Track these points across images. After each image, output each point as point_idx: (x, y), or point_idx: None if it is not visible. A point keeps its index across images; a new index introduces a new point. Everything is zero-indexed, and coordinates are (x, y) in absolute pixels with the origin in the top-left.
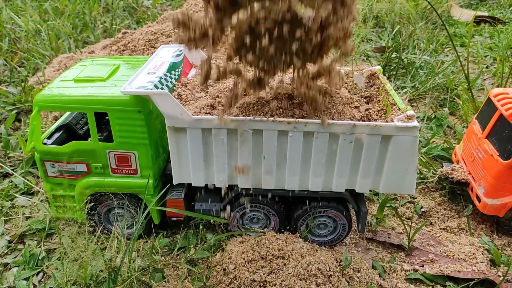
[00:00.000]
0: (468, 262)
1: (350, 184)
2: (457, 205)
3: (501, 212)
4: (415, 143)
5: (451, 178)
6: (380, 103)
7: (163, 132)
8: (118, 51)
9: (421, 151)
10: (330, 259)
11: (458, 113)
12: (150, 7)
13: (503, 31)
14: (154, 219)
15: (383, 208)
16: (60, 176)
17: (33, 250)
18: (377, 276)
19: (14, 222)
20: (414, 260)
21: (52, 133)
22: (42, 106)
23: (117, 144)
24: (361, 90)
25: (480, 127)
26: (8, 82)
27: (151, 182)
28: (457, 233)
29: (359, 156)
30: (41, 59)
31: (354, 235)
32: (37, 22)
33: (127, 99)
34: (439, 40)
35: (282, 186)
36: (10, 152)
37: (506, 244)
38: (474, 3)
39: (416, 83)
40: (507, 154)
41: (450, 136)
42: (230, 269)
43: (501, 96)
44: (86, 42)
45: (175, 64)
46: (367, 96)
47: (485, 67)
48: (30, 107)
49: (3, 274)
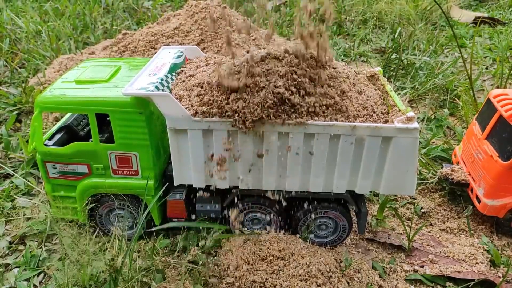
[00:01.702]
0: (468, 263)
1: (350, 185)
2: (457, 205)
3: (500, 212)
4: (415, 145)
5: (451, 179)
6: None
7: (164, 133)
8: (119, 52)
9: (421, 152)
10: (330, 260)
11: (458, 114)
12: (150, 8)
13: (502, 32)
14: (154, 220)
15: (383, 209)
16: (61, 177)
17: (34, 251)
18: (377, 277)
19: (15, 223)
20: (414, 260)
21: (53, 134)
22: (44, 107)
23: (118, 145)
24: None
25: (480, 128)
26: (9, 83)
27: (152, 183)
28: (457, 234)
29: (359, 157)
30: (42, 60)
31: (355, 236)
32: (37, 23)
33: (128, 101)
34: (439, 41)
35: (283, 187)
36: (10, 153)
37: (506, 245)
38: (474, 4)
39: (416, 84)
40: (506, 155)
41: (450, 137)
42: (230, 270)
43: (501, 97)
44: (87, 43)
45: (176, 66)
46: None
47: (485, 68)
48: (31, 108)
49: (4, 275)
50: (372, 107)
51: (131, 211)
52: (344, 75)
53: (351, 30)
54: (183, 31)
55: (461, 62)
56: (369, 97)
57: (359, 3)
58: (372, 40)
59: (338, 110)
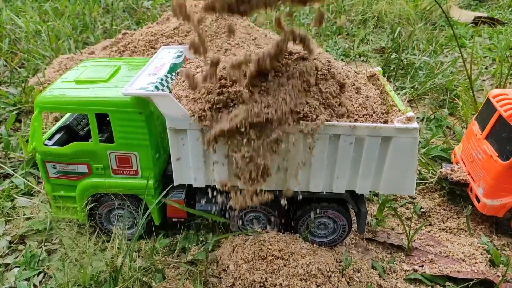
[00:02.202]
0: (467, 262)
1: (350, 185)
2: (457, 205)
3: (500, 212)
4: (415, 145)
5: (451, 178)
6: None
7: (164, 133)
8: (118, 52)
9: (421, 152)
10: (330, 259)
11: (457, 114)
12: (150, 8)
13: (502, 32)
14: (154, 219)
15: (383, 208)
16: (61, 177)
17: (34, 251)
18: (377, 277)
19: (14, 222)
20: (414, 260)
21: (53, 134)
22: (44, 107)
23: (118, 145)
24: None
25: (480, 128)
26: (8, 82)
27: (152, 183)
28: (457, 234)
29: (359, 157)
30: (41, 59)
31: (354, 236)
32: (37, 23)
33: (128, 100)
34: (439, 41)
35: (283, 187)
36: (10, 152)
37: (505, 244)
38: (473, 4)
39: (416, 84)
40: (506, 155)
41: (449, 137)
42: (230, 269)
43: (500, 97)
44: (86, 43)
45: (176, 66)
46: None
47: (484, 68)
48: (31, 108)
49: (4, 274)
50: (371, 107)
51: (131, 211)
52: (344, 75)
53: (350, 30)
54: (182, 31)
55: (460, 62)
56: (369, 97)
57: (358, 3)
58: (372, 40)
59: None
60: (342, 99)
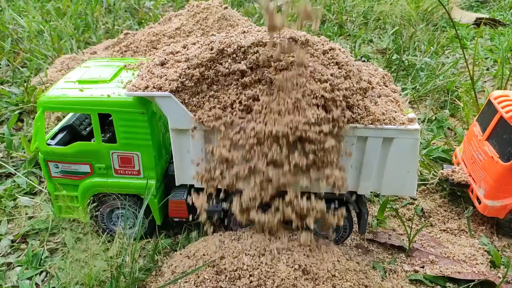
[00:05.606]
0: (468, 264)
1: (352, 186)
2: (458, 206)
3: (501, 213)
4: (416, 146)
5: (452, 179)
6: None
7: (166, 133)
8: (120, 52)
9: (422, 153)
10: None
11: (458, 115)
12: (152, 8)
13: (503, 33)
14: (156, 219)
15: (384, 209)
16: (63, 176)
17: (36, 250)
18: (378, 277)
19: (17, 222)
20: (415, 261)
21: (55, 134)
22: (47, 107)
23: (120, 145)
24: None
25: (481, 129)
26: (11, 82)
27: (154, 183)
28: (457, 235)
29: (360, 158)
30: (44, 59)
31: (355, 236)
32: (39, 22)
33: (131, 101)
34: (440, 42)
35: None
36: (13, 152)
37: (506, 246)
38: (475, 5)
39: (417, 85)
40: (507, 156)
41: (450, 138)
42: (230, 269)
43: (502, 99)
44: (88, 43)
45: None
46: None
47: (486, 69)
48: (33, 107)
49: (6, 273)
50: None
51: (133, 211)
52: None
53: (352, 31)
54: (184, 31)
55: (461, 64)
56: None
57: (360, 4)
58: (373, 41)
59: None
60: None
